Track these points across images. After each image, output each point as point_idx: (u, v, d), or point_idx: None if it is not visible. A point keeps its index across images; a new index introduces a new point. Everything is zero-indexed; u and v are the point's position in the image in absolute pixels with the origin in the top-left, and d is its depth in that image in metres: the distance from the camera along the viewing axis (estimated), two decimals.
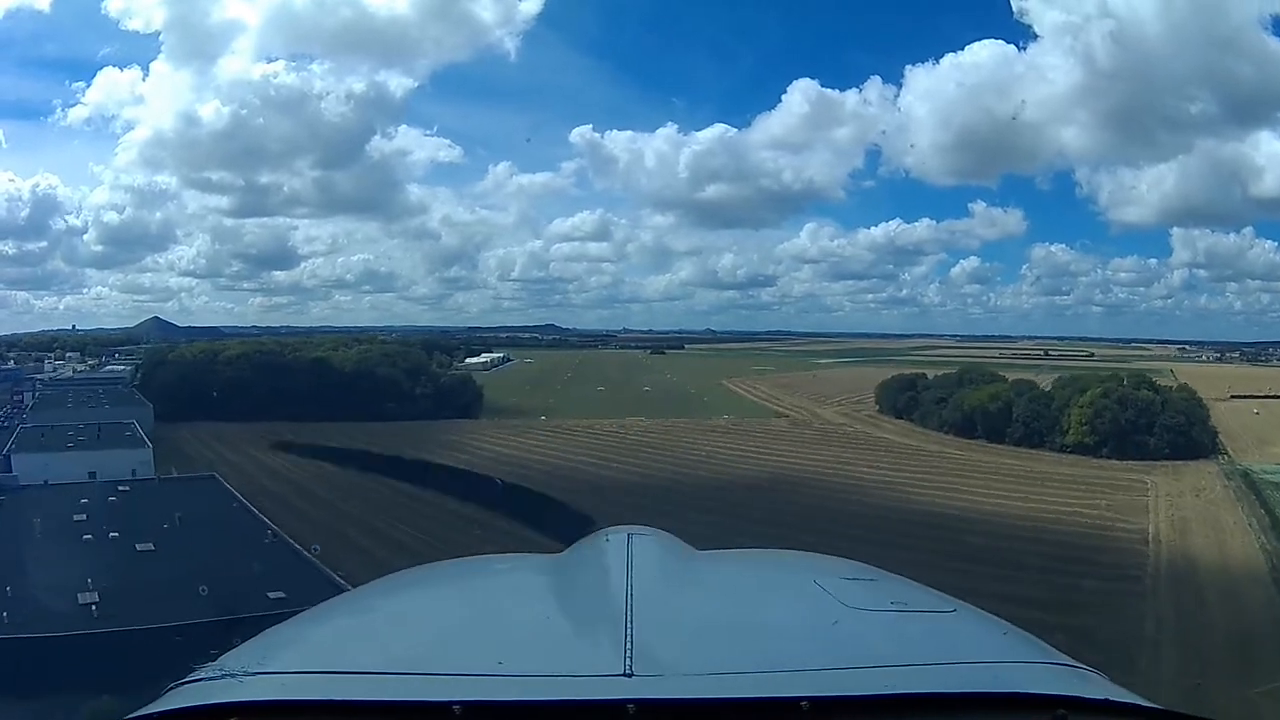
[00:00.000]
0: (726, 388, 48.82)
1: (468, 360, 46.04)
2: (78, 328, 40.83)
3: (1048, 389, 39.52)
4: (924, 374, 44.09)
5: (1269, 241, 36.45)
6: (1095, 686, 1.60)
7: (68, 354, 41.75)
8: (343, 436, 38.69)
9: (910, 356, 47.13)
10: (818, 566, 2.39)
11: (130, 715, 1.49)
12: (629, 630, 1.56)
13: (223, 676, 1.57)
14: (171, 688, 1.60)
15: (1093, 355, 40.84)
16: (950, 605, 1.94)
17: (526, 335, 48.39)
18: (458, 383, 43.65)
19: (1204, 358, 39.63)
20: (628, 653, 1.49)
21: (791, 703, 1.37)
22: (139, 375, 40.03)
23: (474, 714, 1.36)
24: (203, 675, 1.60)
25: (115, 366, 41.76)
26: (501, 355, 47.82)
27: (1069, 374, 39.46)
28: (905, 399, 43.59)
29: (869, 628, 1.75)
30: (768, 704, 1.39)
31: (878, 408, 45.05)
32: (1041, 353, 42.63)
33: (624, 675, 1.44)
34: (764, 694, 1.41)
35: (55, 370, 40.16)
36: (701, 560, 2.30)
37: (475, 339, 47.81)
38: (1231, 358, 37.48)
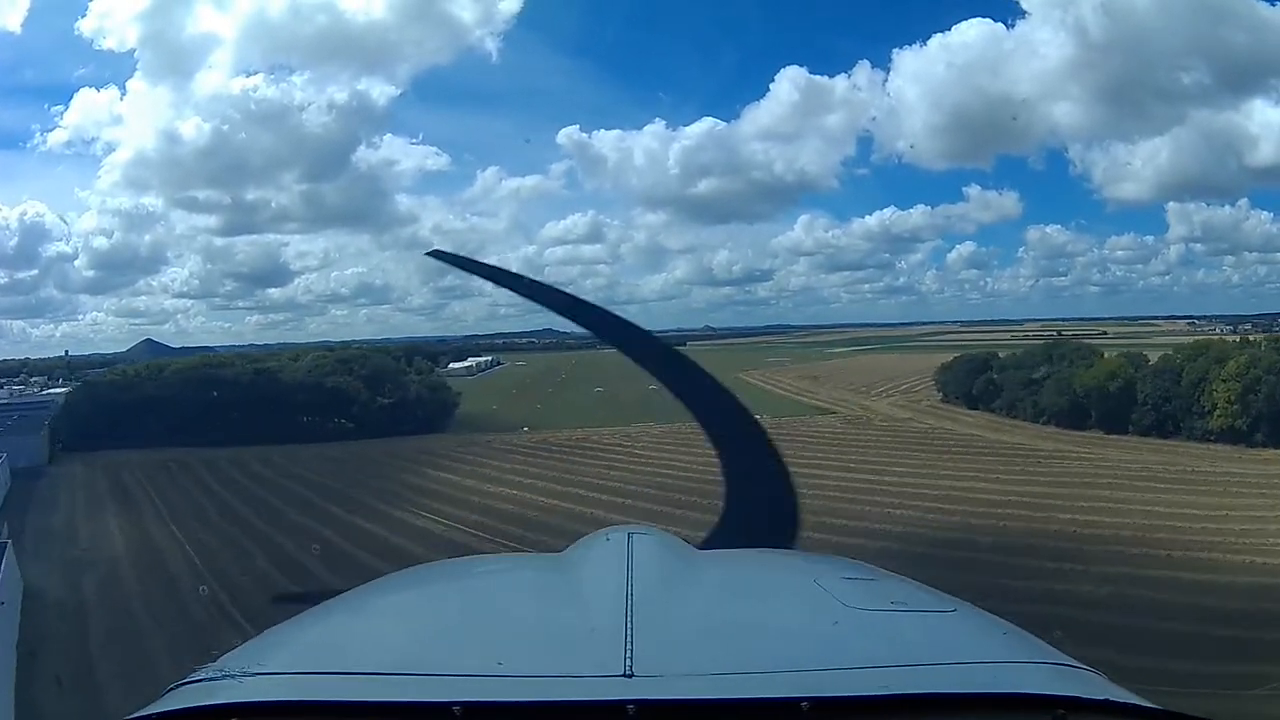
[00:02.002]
0: (745, 381, 45.24)
1: (450, 365, 44.09)
2: (70, 354, 41.45)
3: (1173, 364, 35.03)
4: (995, 354, 39.84)
5: (1264, 212, 36.99)
6: (1095, 686, 1.71)
7: (32, 378, 42.09)
8: (249, 466, 35.20)
9: (921, 342, 45.25)
10: (818, 566, 2.56)
11: (130, 715, 1.60)
12: (629, 630, 1.68)
13: (223, 677, 1.68)
14: (172, 688, 1.71)
15: (1105, 333, 39.70)
16: (950, 605, 2.07)
17: (524, 341, 47.42)
18: (427, 391, 40.80)
19: (1216, 331, 39.18)
20: (628, 653, 1.60)
21: (791, 703, 1.47)
22: (69, 399, 39.06)
23: (474, 714, 1.47)
24: (203, 675, 1.72)
25: (56, 390, 40.86)
26: (489, 359, 46.24)
27: (1138, 347, 36.51)
28: (980, 384, 38.61)
29: (869, 628, 1.87)
30: (768, 704, 1.50)
31: (940, 395, 40.48)
32: (1054, 333, 41.30)
33: (624, 675, 1.55)
34: (764, 694, 1.52)
35: (10, 394, 40.43)
36: (701, 560, 2.48)
37: (471, 347, 47.05)
38: (1244, 329, 37.14)
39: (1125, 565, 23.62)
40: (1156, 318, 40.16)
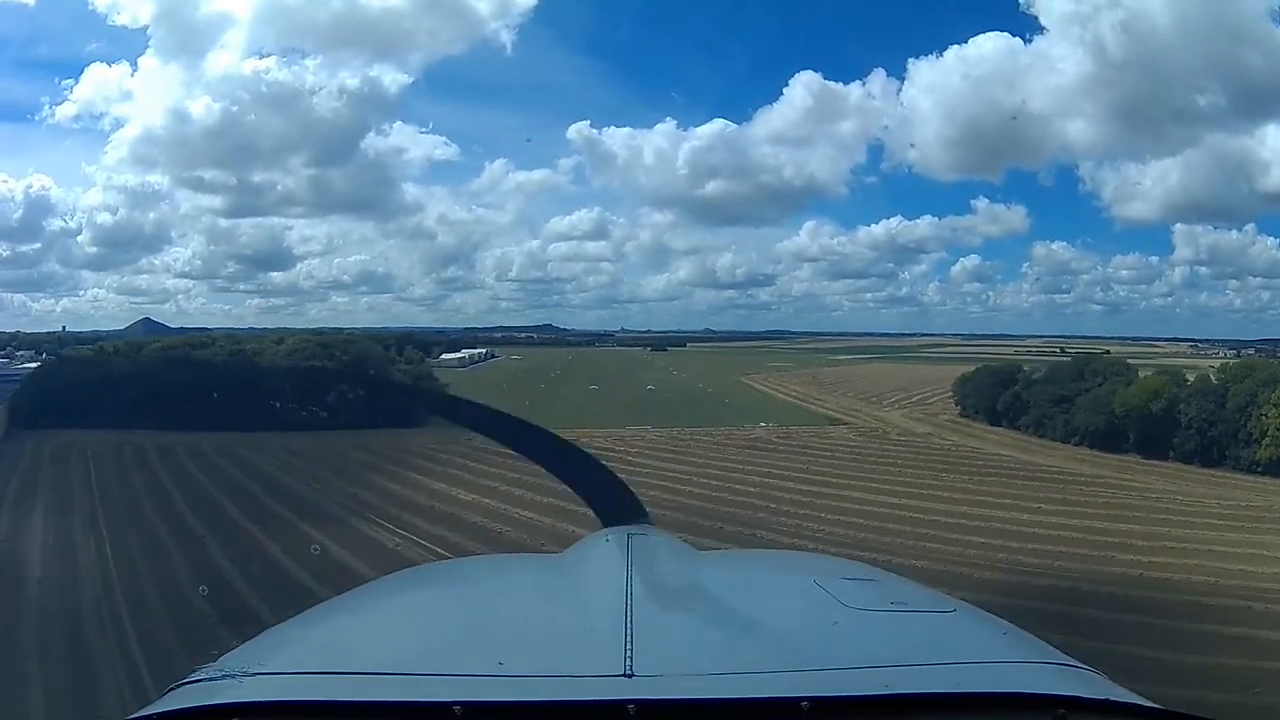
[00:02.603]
0: (748, 386, 45.04)
1: (443, 356, 43.87)
2: (68, 329, 41.78)
3: (1212, 385, 33.50)
4: (1019, 367, 39.40)
5: (1271, 238, 37.46)
6: (1095, 686, 1.74)
7: (19, 351, 42.02)
8: (206, 456, 33.30)
9: (923, 354, 46.73)
10: (818, 566, 2.68)
11: (130, 716, 1.64)
12: (629, 630, 1.71)
13: (223, 677, 1.71)
14: (172, 688, 1.76)
15: (1109, 352, 40.16)
16: (950, 605, 2.12)
17: (523, 335, 47.90)
18: (410, 383, 39.81)
19: (1220, 355, 39.91)
20: (628, 653, 1.63)
21: (791, 703, 1.50)
22: (35, 373, 39.22)
23: (474, 714, 1.50)
24: (203, 675, 1.75)
25: (29, 365, 40.76)
26: (483, 351, 46.27)
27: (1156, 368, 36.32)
28: (1007, 398, 37.18)
29: (869, 628, 1.91)
30: (768, 704, 1.53)
31: (958, 409, 39.43)
32: (1058, 350, 42.40)
33: (624, 676, 1.58)
34: (764, 694, 1.55)
35: None
36: (701, 560, 2.50)
37: (468, 339, 47.68)
38: (1247, 354, 38.12)
39: (1214, 622, 21.02)
40: (1159, 339, 41.18)
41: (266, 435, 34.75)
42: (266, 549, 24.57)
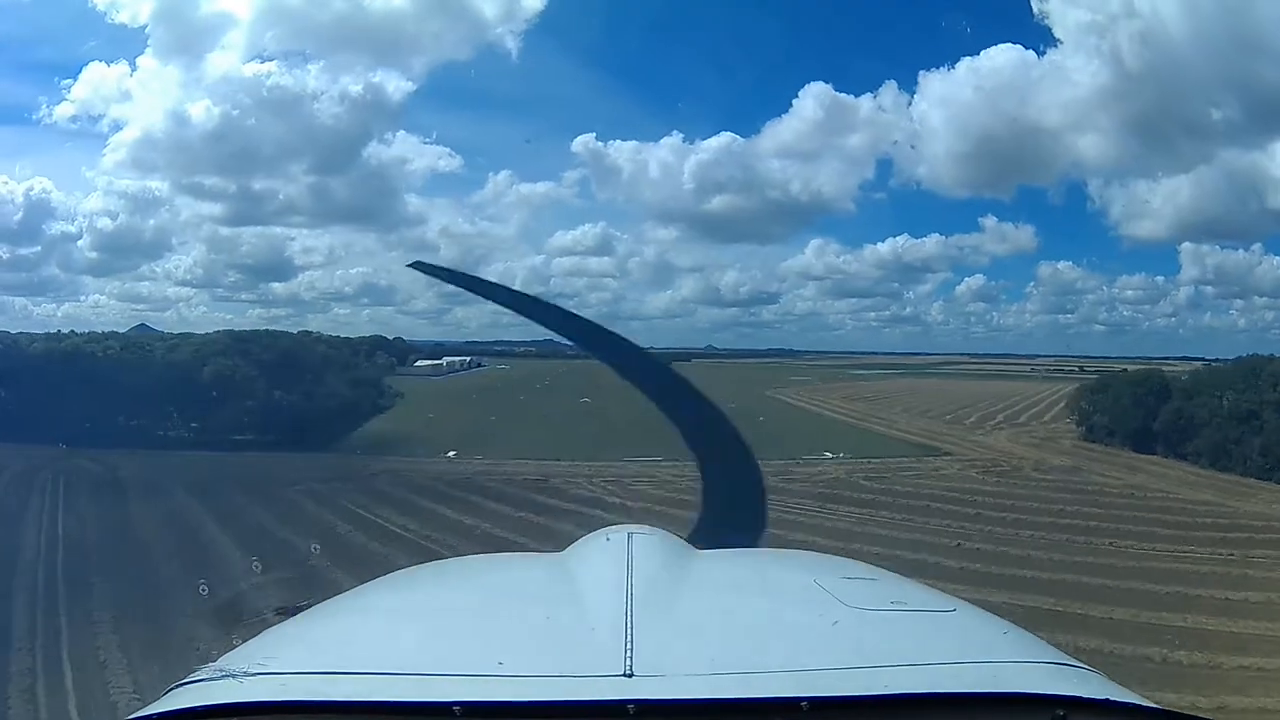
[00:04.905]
0: (782, 401, 49.87)
1: (418, 363, 51.91)
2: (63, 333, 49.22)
3: None
4: (1174, 377, 42.92)
5: (1278, 258, 45.16)
6: (1095, 686, 2.12)
7: None
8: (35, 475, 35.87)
9: (940, 370, 54.89)
10: (818, 566, 3.22)
11: (130, 715, 2.01)
12: (629, 630, 2.14)
13: (223, 676, 2.10)
14: (172, 688, 2.18)
15: (1125, 371, 46.54)
16: (950, 605, 2.63)
17: (520, 350, 56.34)
18: (347, 389, 44.70)
19: None
20: (628, 653, 2.04)
21: (791, 703, 1.87)
22: None
23: (474, 714, 1.87)
24: (203, 675, 2.16)
25: None
26: (467, 359, 54.15)
27: None
28: (1166, 417, 38.66)
29: (869, 628, 2.37)
30: (768, 704, 1.89)
31: (1081, 429, 42.48)
32: (1077, 368, 50.14)
33: (624, 675, 1.97)
34: (764, 694, 1.92)
35: None
36: (701, 560, 3.04)
37: (451, 350, 56.29)
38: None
39: None
40: (1170, 359, 46.83)
41: (141, 454, 36.51)
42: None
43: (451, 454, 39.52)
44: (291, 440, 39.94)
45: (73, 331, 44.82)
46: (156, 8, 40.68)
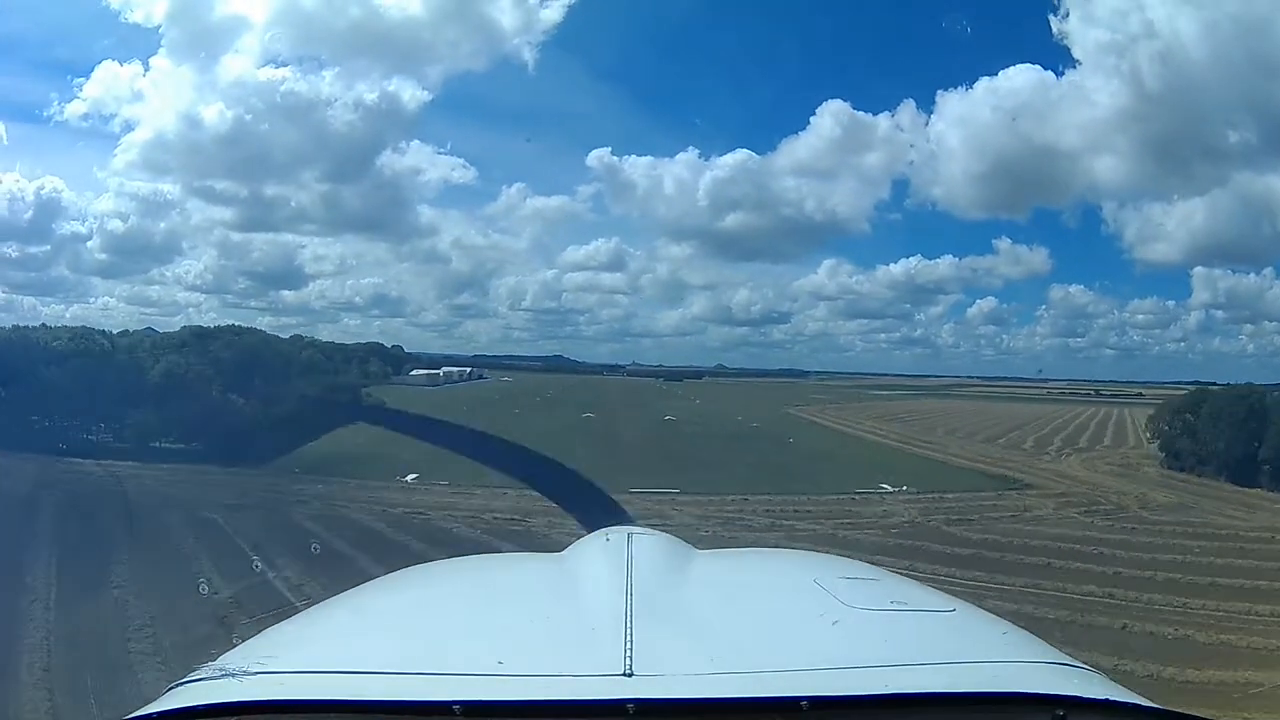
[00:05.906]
0: (806, 419, 53.83)
1: (412, 372, 55.80)
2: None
3: None
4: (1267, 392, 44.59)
5: None
6: (1095, 686, 2.38)
7: None
8: None
9: (953, 393, 59.87)
10: (818, 566, 3.60)
11: (130, 715, 2.24)
12: (629, 630, 2.39)
13: (223, 676, 2.35)
14: (172, 688, 2.44)
15: (1142, 395, 53.25)
16: (950, 605, 2.93)
17: (525, 365, 61.21)
18: (314, 398, 46.97)
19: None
20: (628, 653, 2.28)
21: (791, 703, 2.09)
22: None
23: (474, 714, 2.08)
24: (203, 675, 2.42)
25: None
26: (468, 370, 58.62)
27: None
28: (1274, 444, 39.26)
29: (869, 627, 2.65)
30: (767, 704, 2.12)
31: (1164, 456, 43.89)
32: (1092, 392, 57.38)
33: (624, 675, 2.21)
34: (764, 694, 2.15)
35: None
36: (701, 560, 3.40)
37: (458, 362, 61.63)
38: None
39: None
40: (1181, 383, 50.18)
41: (87, 462, 36.66)
42: None
43: (411, 477, 37.16)
44: (226, 451, 39.25)
45: (15, 326, 47.07)
46: (171, 8, 43.44)
